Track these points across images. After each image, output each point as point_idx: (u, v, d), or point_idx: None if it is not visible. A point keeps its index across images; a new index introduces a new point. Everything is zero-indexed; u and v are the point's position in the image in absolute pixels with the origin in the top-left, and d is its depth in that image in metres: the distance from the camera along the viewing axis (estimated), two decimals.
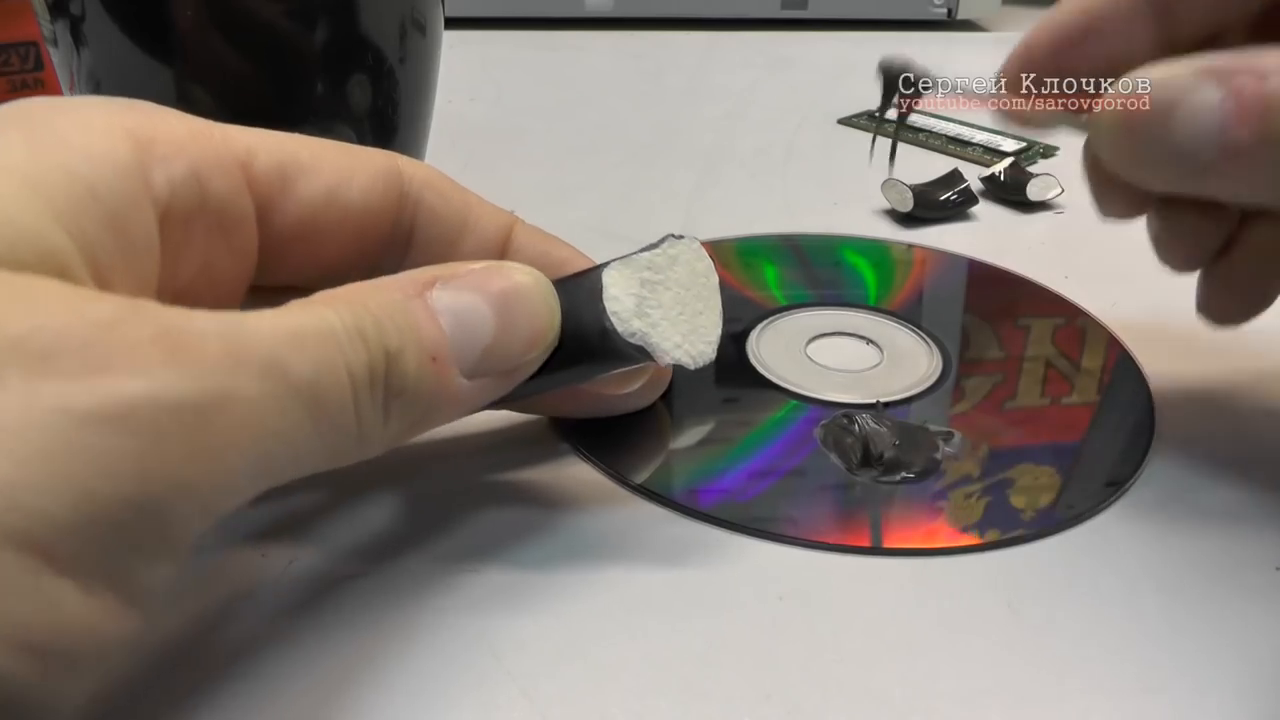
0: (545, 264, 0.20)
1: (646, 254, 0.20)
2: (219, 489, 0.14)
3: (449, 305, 0.18)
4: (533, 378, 0.19)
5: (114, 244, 0.15)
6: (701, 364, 0.20)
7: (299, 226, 0.19)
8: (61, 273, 0.14)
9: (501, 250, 0.21)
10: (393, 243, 0.20)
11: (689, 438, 0.26)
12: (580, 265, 0.21)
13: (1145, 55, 0.21)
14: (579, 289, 0.20)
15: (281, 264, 0.19)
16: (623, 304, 0.19)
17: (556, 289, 0.19)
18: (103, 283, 0.15)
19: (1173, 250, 0.24)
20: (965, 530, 0.22)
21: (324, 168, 0.19)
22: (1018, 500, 0.23)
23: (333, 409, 0.15)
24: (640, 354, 0.19)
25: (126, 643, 0.13)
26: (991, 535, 0.22)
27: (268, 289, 0.20)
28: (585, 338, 0.19)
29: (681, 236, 0.20)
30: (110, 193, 0.15)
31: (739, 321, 0.30)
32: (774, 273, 0.34)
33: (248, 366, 0.14)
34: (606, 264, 0.20)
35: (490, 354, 0.18)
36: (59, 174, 0.14)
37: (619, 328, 0.19)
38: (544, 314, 0.19)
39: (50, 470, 0.12)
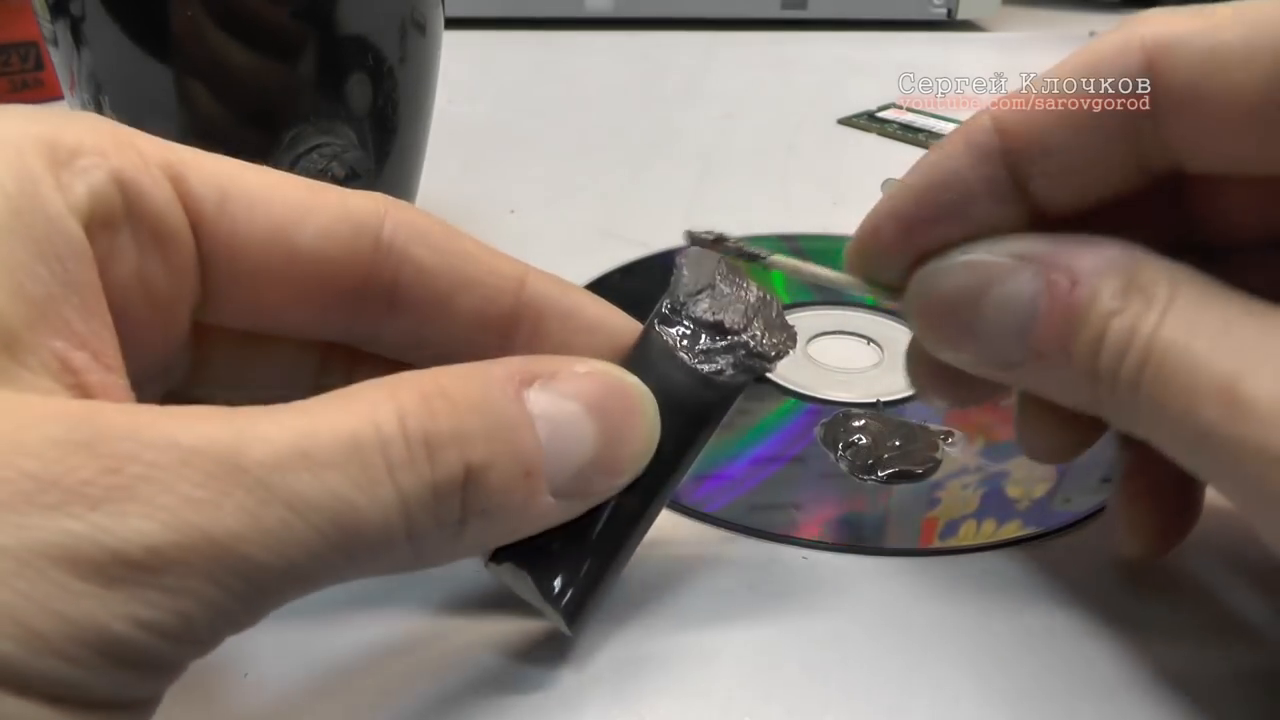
0: (575, 325, 0.18)
1: (679, 287, 0.19)
2: (201, 628, 0.12)
3: (546, 411, 0.15)
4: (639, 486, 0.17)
5: (45, 268, 0.13)
6: (788, 352, 0.19)
7: (238, 260, 0.16)
8: None
9: (512, 308, 0.18)
10: (366, 299, 0.17)
11: None
12: (610, 319, 0.19)
13: (1008, 230, 0.18)
14: (651, 362, 0.18)
15: (227, 300, 0.17)
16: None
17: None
18: (44, 312, 0.13)
19: (1032, 444, 0.21)
20: (963, 520, 0.22)
21: (275, 201, 0.16)
22: (1014, 490, 0.23)
23: (369, 535, 0.13)
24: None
25: None
26: (989, 527, 0.22)
27: (239, 331, 0.18)
28: (689, 402, 0.18)
29: (684, 247, 0.19)
30: (23, 212, 0.13)
31: None
32: (779, 275, 0.34)
33: (236, 495, 0.12)
34: (649, 322, 0.19)
35: (584, 474, 0.16)
36: None
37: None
38: (647, 433, 0.17)
39: None
